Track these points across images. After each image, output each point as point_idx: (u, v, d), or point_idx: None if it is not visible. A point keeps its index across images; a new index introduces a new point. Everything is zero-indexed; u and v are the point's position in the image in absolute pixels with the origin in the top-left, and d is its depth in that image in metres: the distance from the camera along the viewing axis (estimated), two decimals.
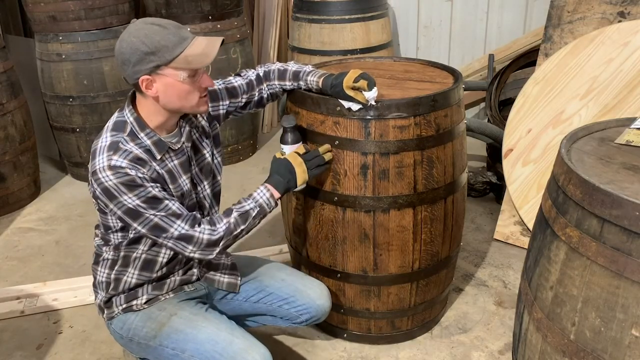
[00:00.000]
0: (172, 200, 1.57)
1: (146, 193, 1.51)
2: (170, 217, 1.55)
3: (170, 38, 1.47)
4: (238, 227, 1.64)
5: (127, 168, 1.49)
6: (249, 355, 1.59)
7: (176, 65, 1.48)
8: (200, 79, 1.55)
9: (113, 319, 1.75)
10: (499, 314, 2.34)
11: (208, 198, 1.79)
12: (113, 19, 3.48)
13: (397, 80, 2.09)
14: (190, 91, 1.53)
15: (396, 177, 1.85)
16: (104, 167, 1.49)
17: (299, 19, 3.95)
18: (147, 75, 1.49)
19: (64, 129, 3.62)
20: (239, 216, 1.65)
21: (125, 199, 1.50)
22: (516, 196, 2.76)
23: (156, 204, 1.53)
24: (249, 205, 1.67)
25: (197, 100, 1.57)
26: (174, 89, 1.51)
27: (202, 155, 1.75)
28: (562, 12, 2.69)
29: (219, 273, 1.85)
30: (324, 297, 1.86)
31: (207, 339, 1.62)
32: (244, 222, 1.65)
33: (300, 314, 1.83)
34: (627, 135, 1.50)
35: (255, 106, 1.94)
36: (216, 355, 1.60)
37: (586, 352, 1.25)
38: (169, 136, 1.62)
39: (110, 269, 1.71)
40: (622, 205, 1.14)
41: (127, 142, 1.53)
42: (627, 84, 2.47)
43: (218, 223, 1.63)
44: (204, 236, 1.59)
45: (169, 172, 1.61)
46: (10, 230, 3.18)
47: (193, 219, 1.59)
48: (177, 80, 1.50)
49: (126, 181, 1.48)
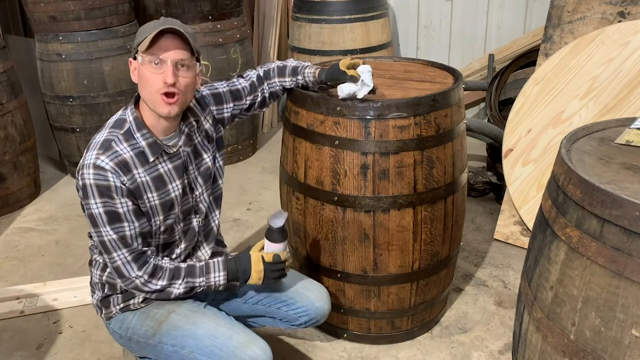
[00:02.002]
0: (132, 225, 1.55)
1: (112, 205, 1.51)
2: (119, 241, 1.54)
3: (149, 26, 1.50)
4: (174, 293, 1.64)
5: (110, 172, 1.50)
6: (249, 349, 1.59)
7: (141, 48, 1.49)
8: (164, 71, 1.49)
9: (111, 319, 1.75)
10: (499, 314, 2.34)
11: (206, 202, 1.78)
12: (113, 19, 3.47)
13: (397, 80, 2.09)
14: (148, 79, 1.50)
15: (396, 177, 1.85)
16: (89, 164, 1.50)
17: (299, 19, 3.95)
18: (132, 58, 1.54)
19: (64, 129, 3.62)
20: (184, 285, 1.64)
21: (92, 203, 1.51)
22: (516, 196, 2.76)
23: (114, 222, 1.53)
24: (199, 282, 1.65)
25: (154, 93, 1.50)
26: (139, 74, 1.53)
27: (202, 159, 1.75)
28: (562, 12, 2.69)
29: None
30: (324, 300, 1.85)
31: (206, 334, 1.63)
32: (184, 292, 1.65)
33: (299, 316, 1.82)
34: (627, 135, 1.50)
35: (258, 107, 1.94)
36: (216, 350, 1.60)
37: (586, 352, 1.25)
38: (166, 138, 1.62)
39: (102, 271, 1.71)
40: (622, 205, 1.14)
41: (120, 142, 1.54)
42: (627, 84, 2.47)
43: (157, 279, 1.61)
44: (136, 282, 1.59)
45: (158, 177, 1.61)
46: (10, 230, 3.18)
47: (140, 256, 1.58)
48: (140, 63, 1.51)
49: (102, 185, 1.49)
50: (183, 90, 1.53)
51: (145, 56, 1.49)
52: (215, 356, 1.60)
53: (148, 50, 1.48)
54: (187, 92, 1.56)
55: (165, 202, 1.63)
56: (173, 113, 1.53)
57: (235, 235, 3.02)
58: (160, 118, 1.56)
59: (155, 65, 1.49)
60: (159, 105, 1.52)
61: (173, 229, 1.69)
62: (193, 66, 1.55)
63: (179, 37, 1.50)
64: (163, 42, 1.48)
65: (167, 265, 1.63)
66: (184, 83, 1.53)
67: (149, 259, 1.60)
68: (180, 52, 1.50)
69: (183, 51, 1.51)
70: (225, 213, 3.21)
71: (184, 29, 1.51)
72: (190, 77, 1.54)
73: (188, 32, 1.51)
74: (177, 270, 1.63)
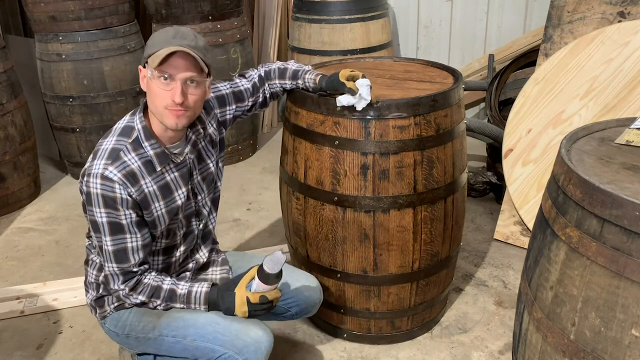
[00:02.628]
0: (134, 237, 1.56)
1: (115, 217, 1.52)
2: (115, 254, 1.55)
3: (161, 37, 1.48)
4: (156, 308, 1.66)
5: (117, 184, 1.50)
6: (251, 331, 1.60)
7: (151, 62, 1.47)
8: (173, 89, 1.48)
9: (106, 318, 1.75)
10: (499, 314, 2.34)
11: (207, 206, 1.79)
12: (113, 19, 3.47)
13: (397, 80, 2.09)
14: (157, 94, 1.49)
15: (396, 177, 1.84)
16: (97, 173, 1.50)
17: (299, 19, 3.95)
18: (142, 66, 1.53)
19: (64, 129, 3.62)
20: (164, 305, 1.64)
21: (96, 211, 1.51)
22: (516, 196, 2.76)
23: (116, 233, 1.53)
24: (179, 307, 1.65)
25: (161, 108, 1.50)
26: (148, 85, 1.52)
27: (205, 165, 1.75)
28: (562, 12, 2.69)
29: (210, 271, 1.87)
30: (312, 290, 1.85)
31: (207, 321, 1.63)
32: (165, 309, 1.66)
33: (289, 307, 1.82)
34: (627, 135, 1.50)
35: (259, 107, 1.94)
36: (218, 336, 1.61)
37: (586, 352, 1.25)
38: (172, 146, 1.61)
39: (98, 271, 1.71)
40: (622, 205, 1.14)
41: (129, 152, 1.54)
42: (627, 84, 2.47)
43: (138, 293, 1.61)
44: (119, 292, 1.62)
45: (165, 185, 1.61)
46: (10, 230, 3.18)
47: (128, 274, 1.59)
48: (148, 76, 1.50)
49: (108, 197, 1.50)
50: (192, 106, 1.52)
51: (154, 71, 1.47)
52: (218, 341, 1.61)
53: (158, 67, 1.46)
54: (196, 107, 1.55)
55: (171, 209, 1.64)
56: (180, 126, 1.53)
57: (235, 235, 3.02)
58: (167, 128, 1.56)
59: (164, 81, 1.48)
60: (166, 118, 1.51)
61: (175, 234, 1.70)
62: (203, 82, 1.53)
63: (190, 56, 1.47)
64: (174, 60, 1.46)
65: (150, 282, 1.62)
66: (193, 100, 1.51)
67: (136, 275, 1.60)
68: (191, 70, 1.48)
69: (194, 70, 1.49)
70: (225, 213, 3.21)
71: (196, 43, 1.47)
72: (199, 93, 1.53)
73: (199, 48, 1.48)
74: (158, 291, 1.62)
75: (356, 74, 1.78)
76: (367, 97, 1.75)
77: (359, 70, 1.82)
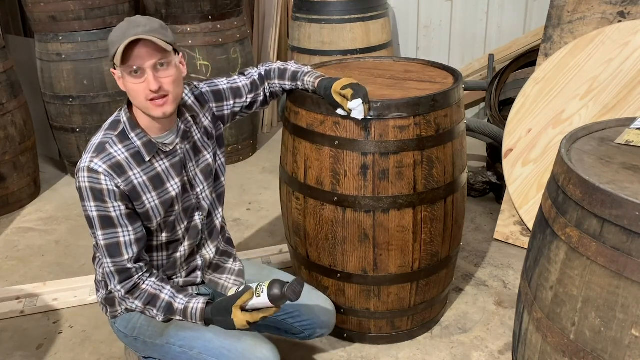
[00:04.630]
0: (126, 230, 1.55)
1: (104, 210, 1.51)
2: (108, 248, 1.54)
3: (116, 34, 1.46)
4: (154, 317, 1.63)
5: (103, 175, 1.49)
6: (258, 350, 1.59)
7: (117, 62, 1.45)
8: (145, 79, 1.46)
9: (117, 318, 1.75)
10: (499, 314, 2.34)
11: (208, 200, 1.77)
12: (113, 19, 3.47)
13: (397, 80, 2.09)
14: (133, 90, 1.48)
15: (396, 177, 1.85)
16: (84, 167, 1.51)
17: (299, 19, 3.95)
18: (113, 68, 1.51)
19: (64, 129, 3.62)
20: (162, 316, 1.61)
21: (87, 205, 1.52)
22: (516, 196, 2.76)
23: (107, 227, 1.53)
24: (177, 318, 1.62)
25: (143, 102, 1.48)
26: (124, 84, 1.50)
27: (202, 156, 1.73)
28: (562, 12, 2.69)
29: (225, 277, 1.84)
30: (330, 314, 1.85)
31: (214, 336, 1.63)
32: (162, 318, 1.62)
33: (304, 329, 1.82)
34: (627, 135, 1.50)
35: (260, 105, 1.93)
36: (224, 352, 1.60)
37: (586, 352, 1.25)
38: (161, 136, 1.60)
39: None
40: (622, 205, 1.14)
41: (115, 144, 1.54)
42: (627, 84, 2.47)
43: (135, 298, 1.59)
44: (116, 293, 1.61)
45: (156, 176, 1.60)
46: (10, 230, 3.18)
47: (123, 270, 1.56)
48: (119, 76, 1.50)
49: (95, 189, 1.50)
50: (170, 88, 1.50)
51: (123, 69, 1.46)
52: (224, 357, 1.60)
53: (123, 63, 1.44)
54: (175, 88, 1.52)
55: (165, 200, 1.62)
56: (168, 112, 1.52)
57: (235, 236, 3.01)
58: (155, 119, 1.55)
59: (135, 74, 1.46)
60: (151, 110, 1.50)
61: (175, 227, 1.68)
62: (171, 61, 1.50)
63: (149, 42, 1.44)
64: (136, 51, 1.44)
65: (148, 289, 1.60)
66: (168, 82, 1.49)
67: (133, 275, 1.58)
68: (155, 54, 1.46)
69: (158, 53, 1.46)
70: (225, 213, 3.20)
71: (151, 27, 1.44)
72: (172, 73, 1.50)
73: (156, 30, 1.45)
74: (155, 299, 1.59)
75: (347, 92, 1.73)
76: (360, 117, 1.75)
77: (359, 71, 1.82)
